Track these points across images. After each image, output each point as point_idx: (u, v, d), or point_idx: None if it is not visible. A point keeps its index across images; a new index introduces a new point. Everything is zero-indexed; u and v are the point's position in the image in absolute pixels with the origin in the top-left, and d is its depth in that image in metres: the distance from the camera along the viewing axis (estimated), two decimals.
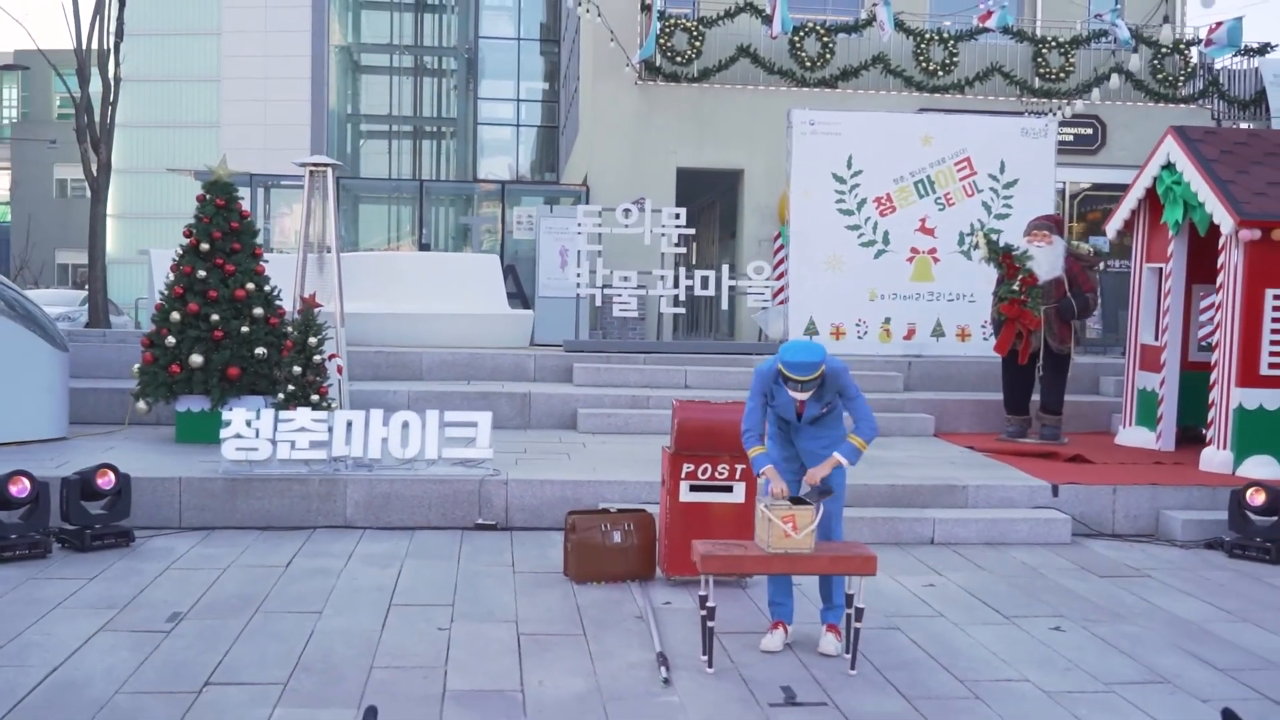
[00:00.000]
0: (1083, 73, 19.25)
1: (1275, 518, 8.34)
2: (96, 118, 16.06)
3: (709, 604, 5.70)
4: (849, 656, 5.77)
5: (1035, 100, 18.71)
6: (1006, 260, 10.97)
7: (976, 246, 11.24)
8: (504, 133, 29.58)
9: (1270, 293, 9.58)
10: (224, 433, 8.52)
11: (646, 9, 18.48)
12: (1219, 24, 18.33)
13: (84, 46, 16.07)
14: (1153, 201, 10.86)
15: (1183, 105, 19.36)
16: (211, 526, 8.43)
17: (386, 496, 8.55)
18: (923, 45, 18.92)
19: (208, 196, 10.12)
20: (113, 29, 16.22)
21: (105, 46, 16.19)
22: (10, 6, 69.71)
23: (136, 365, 10.13)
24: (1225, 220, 9.58)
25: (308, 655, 5.70)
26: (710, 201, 22.75)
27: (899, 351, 13.39)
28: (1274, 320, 9.58)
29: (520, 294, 17.95)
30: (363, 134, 37.05)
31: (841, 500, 6.11)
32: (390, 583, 7.10)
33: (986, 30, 18.51)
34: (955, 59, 18.99)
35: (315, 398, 9.53)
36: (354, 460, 8.70)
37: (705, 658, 5.71)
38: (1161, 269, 10.87)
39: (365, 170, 36.66)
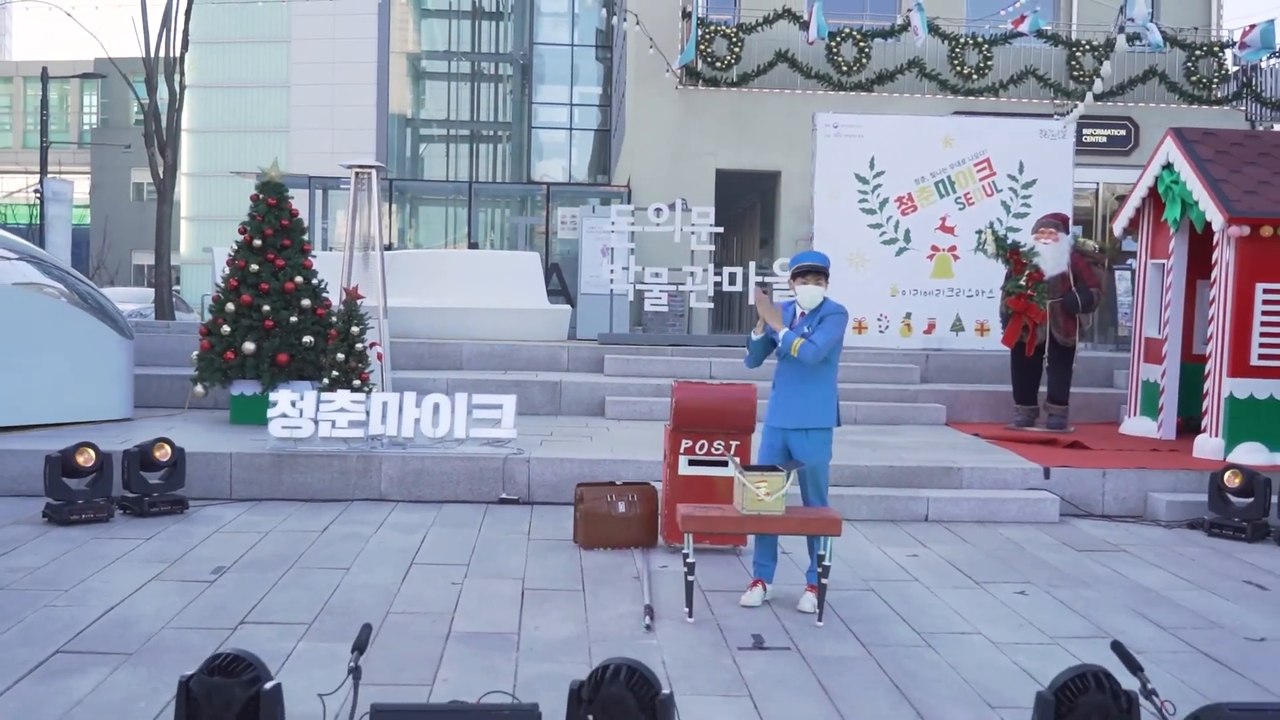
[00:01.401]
0: (1117, 75, 19.58)
1: (1251, 499, 8.80)
2: (164, 124, 17.03)
3: (689, 560, 6.35)
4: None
5: (1044, 102, 19.05)
6: (1014, 256, 11.47)
7: (985, 243, 11.74)
8: (558, 136, 30.37)
9: (1260, 287, 10.01)
10: (271, 413, 9.30)
11: (687, 16, 19.12)
12: (1253, 26, 18.55)
13: (152, 56, 17.07)
14: (1155, 200, 11.31)
15: (1216, 107, 19.62)
16: (258, 498, 9.21)
17: (418, 472, 9.28)
18: (957, 49, 19.37)
19: (260, 196, 10.93)
20: (179, 40, 17.19)
21: (172, 56, 17.17)
22: (85, 18, 71.79)
23: (195, 353, 10.97)
24: (1216, 217, 10.03)
25: (333, 602, 6.42)
26: (751, 203, 23.34)
27: (919, 345, 13.92)
28: (1264, 313, 10.00)
29: (564, 291, 18.66)
30: (423, 138, 38.09)
31: (825, 471, 6.68)
32: (414, 546, 7.82)
33: (1020, 34, 18.92)
34: (990, 62, 19.43)
35: (357, 383, 10.30)
36: (389, 439, 9.44)
37: (687, 609, 6.35)
38: (1164, 265, 11.32)
39: (426, 173, 37.65)
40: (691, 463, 7.74)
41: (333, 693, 4.39)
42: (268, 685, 4.03)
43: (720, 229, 14.46)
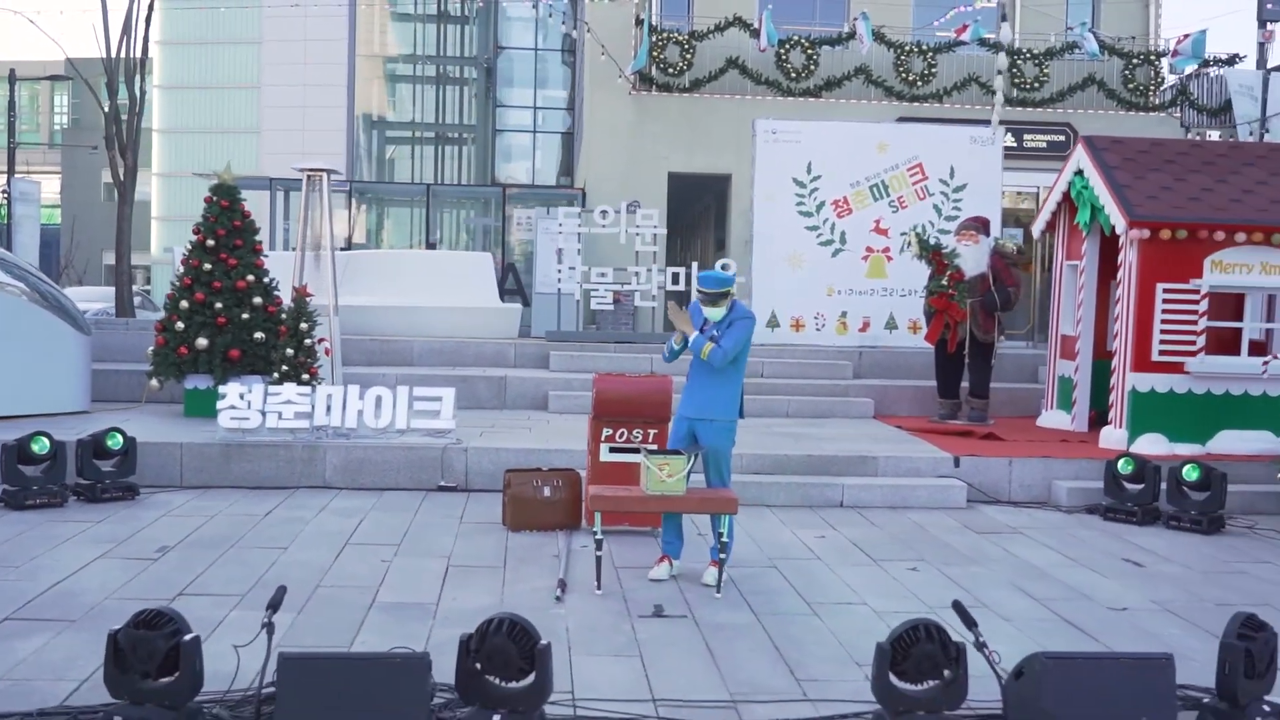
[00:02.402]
0: (1056, 83, 20.22)
1: (1142, 485, 9.39)
2: (124, 127, 17.46)
3: (598, 537, 6.87)
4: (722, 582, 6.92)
5: (985, 108, 19.64)
6: (936, 257, 12.05)
7: (910, 245, 12.30)
8: (523, 139, 30.88)
9: (1161, 287, 10.60)
10: (220, 405, 9.77)
11: (640, 24, 19.65)
12: (1186, 36, 19.26)
13: (112, 60, 17.48)
14: (1070, 204, 11.90)
15: (1153, 113, 20.29)
16: (208, 485, 9.67)
17: (360, 461, 9.77)
18: (903, 57, 19.96)
19: (214, 198, 11.39)
20: (139, 46, 17.62)
21: (132, 62, 17.59)
22: (51, 21, 71.83)
23: (151, 348, 11.42)
24: (1119, 220, 10.62)
25: (267, 577, 6.91)
26: (707, 205, 23.89)
27: (855, 343, 14.48)
28: (1164, 312, 10.60)
29: (520, 290, 19.16)
30: (390, 140, 38.53)
31: (727, 457, 7.20)
32: (351, 529, 8.31)
33: (963, 43, 19.53)
34: (934, 70, 20.03)
35: (305, 376, 10.78)
36: (333, 429, 9.92)
37: (596, 582, 6.87)
38: (1078, 266, 11.91)
39: (395, 175, 38.04)
40: (612, 450, 8.24)
41: (247, 644, 4.88)
42: (187, 637, 4.53)
43: (663, 230, 14.99)
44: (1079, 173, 11.45)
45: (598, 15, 19.73)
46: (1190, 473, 9.17)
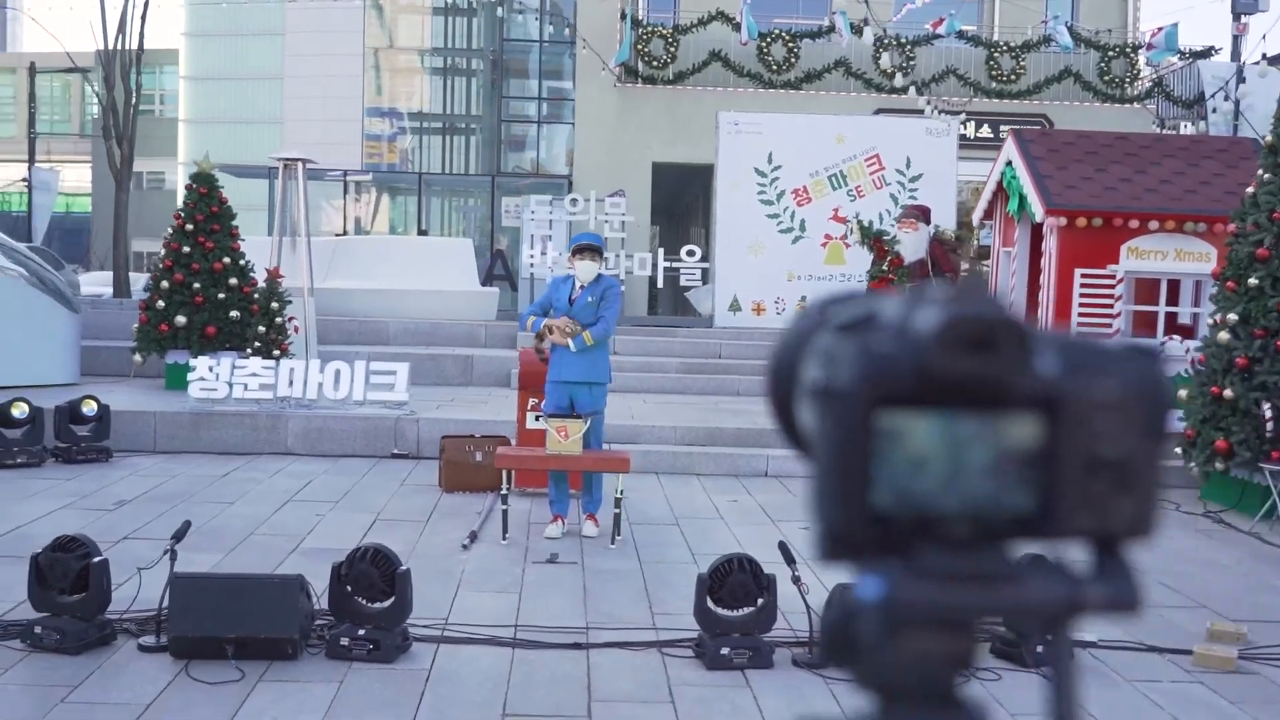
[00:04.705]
0: (1033, 75, 20.75)
1: None
2: (120, 119, 18.37)
3: (504, 493, 7.60)
4: (620, 537, 7.63)
5: (962, 100, 20.21)
6: (877, 244, 12.70)
7: (852, 232, 12.94)
8: (529, 129, 31.61)
9: (1079, 272, 11.21)
10: (190, 377, 10.57)
11: (624, 18, 20.33)
12: (1160, 29, 19.74)
13: (109, 54, 18.38)
14: (1004, 194, 12.51)
15: (1128, 105, 20.77)
16: (179, 451, 10.47)
17: (320, 430, 10.54)
18: (881, 49, 20.54)
19: (193, 185, 12.19)
20: (134, 42, 18.49)
21: (128, 55, 18.48)
22: (43, 16, 73.11)
23: (135, 325, 12.25)
24: (1038, 209, 11.24)
25: (208, 525, 7.67)
26: (695, 194, 24.55)
27: None
28: (1082, 295, 11.21)
29: (507, 275, 19.90)
30: (401, 130, 39.45)
31: (602, 421, 7.90)
32: (298, 488, 9.08)
33: (940, 36, 20.08)
34: (912, 62, 20.59)
35: (277, 353, 11.56)
36: (295, 400, 10.70)
37: (503, 534, 7.60)
38: (1011, 252, 12.53)
39: (411, 165, 38.89)
40: (536, 418, 8.96)
41: (150, 567, 5.63)
42: (96, 559, 5.30)
43: (632, 217, 15.69)
44: (1009, 164, 12.06)
45: (585, 10, 20.40)
46: None
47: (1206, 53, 20.82)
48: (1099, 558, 0.67)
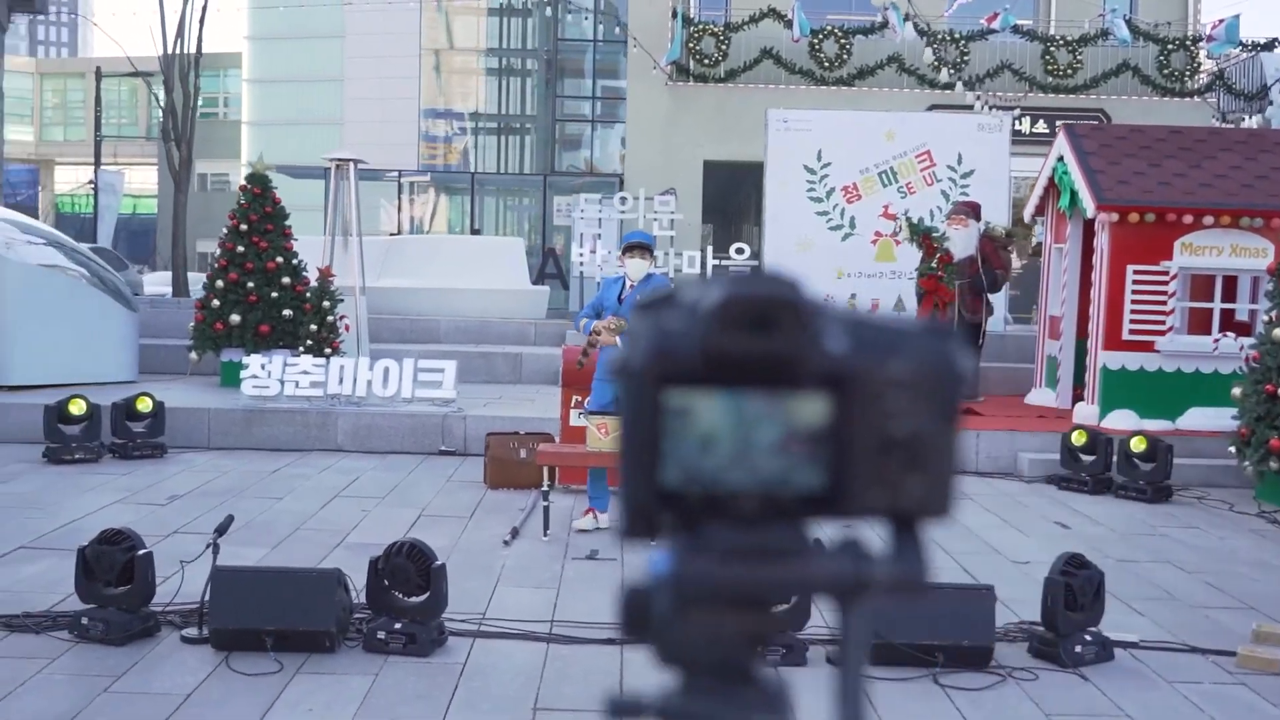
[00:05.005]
0: (1090, 69, 20.48)
1: (1094, 456, 9.90)
2: (179, 121, 18.72)
3: (545, 488, 7.65)
4: None
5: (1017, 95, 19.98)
6: (925, 241, 12.60)
7: (900, 229, 12.86)
8: (583, 128, 31.74)
9: (1131, 268, 11.06)
10: (243, 375, 10.75)
11: (675, 16, 20.35)
12: (1220, 21, 19.39)
13: (168, 58, 18.75)
14: (1056, 190, 12.37)
15: (1188, 99, 20.44)
16: (232, 448, 10.65)
17: (369, 427, 10.67)
18: (935, 45, 20.36)
19: (248, 186, 12.38)
20: (192, 46, 18.83)
21: (187, 59, 18.84)
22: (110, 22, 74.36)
23: (191, 324, 12.47)
24: (1089, 205, 11.10)
25: (257, 520, 7.81)
26: (748, 193, 24.50)
27: None
28: (1134, 293, 11.06)
29: (559, 274, 20.00)
30: (458, 130, 39.79)
31: None
32: (345, 484, 9.20)
33: (994, 31, 19.89)
34: (966, 58, 20.41)
35: (328, 350, 11.72)
36: (345, 398, 10.84)
37: (544, 530, 7.66)
38: (1063, 248, 12.39)
39: (468, 165, 39.17)
40: (579, 415, 9.02)
41: (193, 561, 5.75)
42: (141, 552, 5.42)
43: (680, 215, 15.70)
44: (1060, 159, 11.92)
45: (636, 9, 20.46)
46: (1137, 445, 9.67)
47: (1270, 44, 20.42)
48: (894, 537, 0.69)
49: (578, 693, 5.04)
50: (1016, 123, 17.42)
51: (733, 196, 25.01)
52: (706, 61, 20.50)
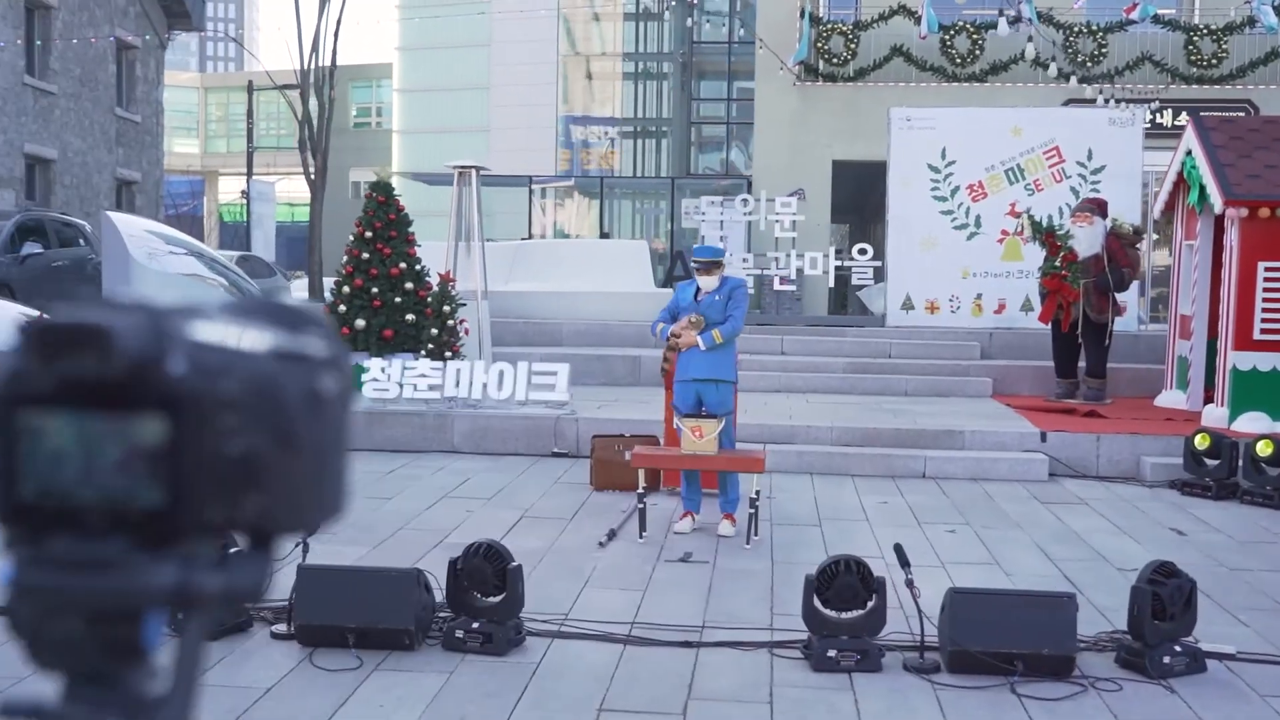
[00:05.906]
0: (1236, 59, 19.65)
1: (1218, 460, 9.54)
2: (314, 131, 19.40)
3: (640, 490, 7.73)
4: (757, 538, 7.67)
5: (1159, 87, 19.27)
6: (1049, 239, 12.30)
7: (1023, 227, 12.57)
8: (718, 130, 31.82)
9: (1262, 265, 10.63)
10: (364, 378, 11.09)
11: (803, 16, 20.23)
12: None
13: (304, 71, 19.45)
14: (1185, 185, 11.94)
15: None
16: (354, 449, 10.98)
17: (484, 429, 10.92)
18: (1071, 38, 19.82)
19: (372, 194, 12.77)
20: (328, 60, 19.48)
21: (321, 74, 19.50)
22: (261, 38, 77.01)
23: None
24: (1217, 200, 10.70)
25: (361, 520, 8.06)
26: (881, 193, 24.18)
27: (990, 324, 14.76)
28: (1265, 290, 10.62)
29: (688, 276, 20.06)
30: (595, 136, 40.30)
31: (732, 419, 7.95)
32: (455, 485, 9.44)
33: (1134, 21, 19.24)
34: (1104, 50, 19.80)
35: (449, 354, 12.02)
36: (461, 400, 11.10)
37: (640, 532, 7.74)
38: (1193, 246, 11.95)
39: (604, 168, 39.61)
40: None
41: (285, 558, 5.98)
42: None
43: (801, 216, 15.62)
44: (1189, 153, 11.51)
45: (764, 9, 20.40)
46: (1263, 449, 9.28)
47: None
48: (245, 549, 0.73)
49: (645, 693, 5.10)
50: (1158, 116, 16.85)
51: (865, 196, 24.72)
52: (835, 60, 20.33)
